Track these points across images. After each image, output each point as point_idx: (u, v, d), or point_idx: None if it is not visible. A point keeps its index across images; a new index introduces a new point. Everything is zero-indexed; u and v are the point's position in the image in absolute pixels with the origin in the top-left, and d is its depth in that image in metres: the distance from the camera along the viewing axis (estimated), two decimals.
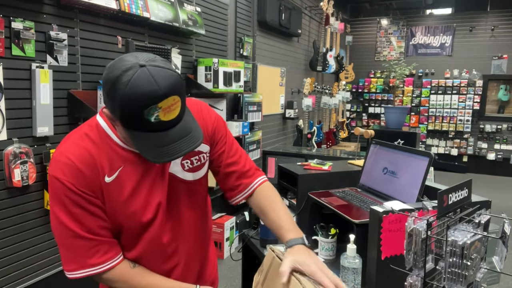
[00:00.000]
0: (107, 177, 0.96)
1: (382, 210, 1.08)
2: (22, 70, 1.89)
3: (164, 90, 0.84)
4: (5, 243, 1.87)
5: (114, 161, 0.97)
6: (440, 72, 7.29)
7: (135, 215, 1.00)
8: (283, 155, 4.03)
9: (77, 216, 0.93)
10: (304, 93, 5.36)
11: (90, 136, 0.96)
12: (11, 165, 1.84)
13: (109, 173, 0.96)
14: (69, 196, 0.92)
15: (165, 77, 0.85)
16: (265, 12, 4.18)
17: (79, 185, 0.92)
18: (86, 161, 0.93)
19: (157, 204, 1.02)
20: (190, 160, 1.08)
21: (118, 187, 0.97)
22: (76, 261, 0.95)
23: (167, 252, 1.08)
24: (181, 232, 1.10)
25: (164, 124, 0.87)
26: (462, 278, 0.79)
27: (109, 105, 0.88)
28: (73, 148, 0.94)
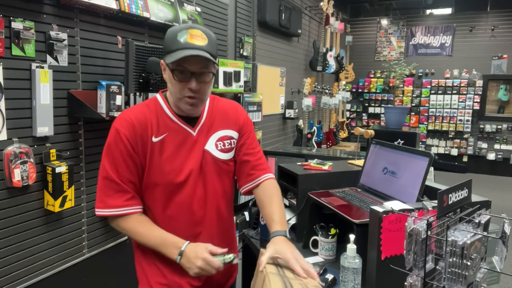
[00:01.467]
0: (154, 137, 1.21)
1: (382, 210, 1.08)
2: (22, 70, 1.89)
3: (195, 26, 1.17)
4: (5, 243, 1.87)
5: (162, 127, 1.23)
6: (440, 72, 7.29)
7: (170, 174, 1.22)
8: (283, 155, 4.03)
9: (116, 162, 1.19)
10: (304, 93, 5.36)
11: (149, 105, 1.25)
12: (11, 165, 1.83)
13: (156, 134, 1.22)
14: (118, 144, 1.18)
15: (201, 27, 1.19)
16: (265, 12, 4.18)
17: (131, 138, 1.18)
18: (141, 121, 1.20)
19: (190, 170, 1.24)
20: (223, 142, 1.31)
21: (161, 147, 1.22)
22: (103, 200, 1.20)
23: (194, 218, 1.26)
24: (209, 203, 1.28)
25: (190, 45, 1.13)
26: (462, 278, 0.79)
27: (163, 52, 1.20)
28: (135, 111, 1.24)
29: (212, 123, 1.31)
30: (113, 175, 1.18)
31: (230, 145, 1.33)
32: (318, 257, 1.50)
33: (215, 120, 1.32)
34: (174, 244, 1.17)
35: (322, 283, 1.26)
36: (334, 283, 1.28)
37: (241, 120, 1.37)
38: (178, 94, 1.18)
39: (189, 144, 1.25)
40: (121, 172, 1.19)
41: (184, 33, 1.14)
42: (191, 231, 1.26)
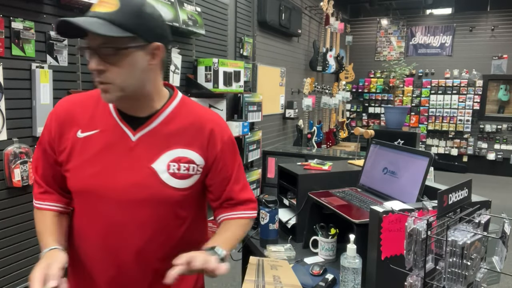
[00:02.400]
0: (80, 132, 0.99)
1: (382, 210, 1.08)
2: (22, 70, 1.89)
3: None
4: (5, 243, 1.87)
5: (95, 122, 0.99)
6: (440, 72, 7.29)
7: (92, 178, 0.97)
8: (283, 155, 4.03)
9: (38, 147, 1.06)
10: (304, 93, 5.35)
11: (93, 94, 1.03)
12: (11, 165, 1.83)
13: (84, 129, 0.99)
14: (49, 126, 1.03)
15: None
16: (265, 12, 4.18)
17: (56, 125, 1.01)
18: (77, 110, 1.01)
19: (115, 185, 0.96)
20: (178, 165, 1.00)
21: (84, 145, 0.98)
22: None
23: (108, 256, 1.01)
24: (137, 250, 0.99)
25: (90, 13, 0.90)
26: (462, 278, 0.79)
27: None
28: (78, 95, 1.06)
29: (171, 134, 0.99)
30: (33, 162, 1.08)
31: (187, 170, 1.00)
32: (318, 257, 1.50)
33: (177, 131, 1.00)
34: (44, 246, 0.97)
35: (322, 283, 1.26)
36: (334, 283, 1.28)
37: (216, 141, 1.04)
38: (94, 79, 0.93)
39: (122, 149, 0.97)
40: (36, 160, 1.06)
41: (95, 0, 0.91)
42: (105, 272, 1.02)
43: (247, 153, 3.85)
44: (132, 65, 0.90)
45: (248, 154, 3.89)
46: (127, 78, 0.91)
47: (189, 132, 1.01)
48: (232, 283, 3.05)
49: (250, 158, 3.93)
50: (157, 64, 0.95)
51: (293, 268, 1.38)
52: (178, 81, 2.89)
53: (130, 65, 0.90)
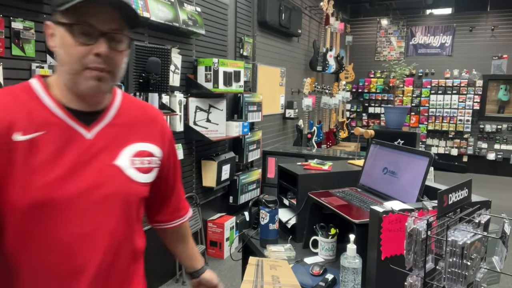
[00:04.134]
0: (20, 135, 0.80)
1: (382, 210, 1.08)
2: (22, 70, 1.89)
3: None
4: None
5: (34, 123, 0.82)
6: (440, 72, 7.29)
7: (44, 190, 0.81)
8: (283, 155, 4.03)
9: None
10: (304, 93, 5.36)
11: (15, 92, 0.85)
12: None
13: (24, 131, 0.81)
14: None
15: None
16: (265, 12, 4.18)
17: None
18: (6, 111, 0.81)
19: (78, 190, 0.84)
20: (141, 160, 0.94)
21: (29, 150, 0.81)
22: None
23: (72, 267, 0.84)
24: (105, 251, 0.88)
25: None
26: (462, 278, 0.79)
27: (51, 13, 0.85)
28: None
29: (127, 128, 0.94)
30: None
31: (149, 164, 0.96)
32: (318, 257, 1.50)
33: (134, 126, 0.95)
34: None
35: (322, 283, 1.26)
36: (334, 283, 1.28)
37: (167, 134, 1.03)
38: (76, 64, 0.81)
39: (78, 150, 0.85)
40: None
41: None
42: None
43: (247, 153, 3.85)
44: (125, 55, 0.88)
45: (248, 154, 3.89)
46: (122, 68, 0.88)
47: (143, 125, 0.97)
48: (232, 283, 3.05)
49: (250, 158, 3.93)
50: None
51: (293, 268, 1.38)
52: (178, 81, 2.89)
53: (125, 55, 0.88)
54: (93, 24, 0.80)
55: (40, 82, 0.87)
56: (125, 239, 0.92)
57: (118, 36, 0.83)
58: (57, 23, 0.81)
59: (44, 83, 0.87)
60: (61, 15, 0.80)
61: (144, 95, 2.46)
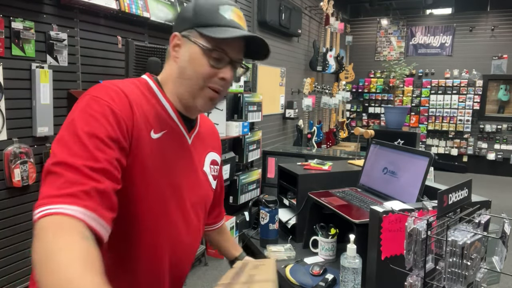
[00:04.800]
0: (154, 133, 0.83)
1: (382, 210, 1.08)
2: (22, 70, 1.89)
3: (235, 4, 0.89)
4: (5, 243, 1.87)
5: (160, 122, 0.85)
6: (440, 72, 7.29)
7: (167, 190, 0.85)
8: (283, 155, 4.03)
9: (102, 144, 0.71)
10: (304, 93, 5.36)
11: (139, 87, 0.86)
12: (11, 165, 1.83)
13: (156, 129, 0.84)
14: (107, 118, 0.73)
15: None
16: (265, 12, 4.18)
17: (126, 117, 0.76)
18: (138, 104, 0.80)
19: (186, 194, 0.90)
20: (214, 168, 1.03)
21: (160, 150, 0.84)
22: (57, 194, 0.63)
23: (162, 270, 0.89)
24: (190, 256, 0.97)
25: (237, 24, 0.86)
26: (462, 278, 0.79)
27: (180, 24, 0.88)
28: (128, 89, 0.81)
29: (205, 137, 1.01)
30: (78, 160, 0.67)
31: (216, 172, 1.05)
32: (318, 257, 1.50)
33: (206, 136, 1.03)
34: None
35: (322, 283, 1.26)
36: (334, 283, 1.27)
37: (221, 144, 1.13)
38: (201, 81, 0.85)
39: (184, 152, 0.92)
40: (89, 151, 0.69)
41: (227, 8, 0.86)
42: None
43: (247, 153, 3.85)
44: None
45: (248, 154, 3.89)
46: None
47: (211, 135, 1.05)
48: None
49: (250, 158, 3.93)
50: None
51: (293, 268, 1.38)
52: None
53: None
54: (228, 52, 0.86)
55: (154, 83, 0.89)
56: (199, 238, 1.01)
57: (238, 63, 0.91)
58: (190, 39, 0.85)
59: (158, 84, 0.90)
60: (200, 35, 0.84)
61: None
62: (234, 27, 0.85)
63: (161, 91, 0.89)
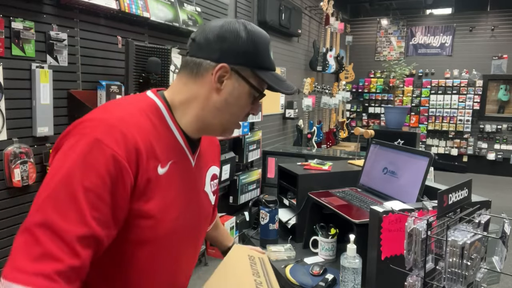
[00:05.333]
0: (161, 168, 0.78)
1: (382, 210, 1.08)
2: (22, 70, 1.89)
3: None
4: (5, 243, 1.87)
5: (167, 152, 0.80)
6: (440, 72, 7.29)
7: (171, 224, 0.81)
8: (283, 155, 4.03)
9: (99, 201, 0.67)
10: (304, 93, 5.35)
11: (149, 115, 0.80)
12: (11, 165, 1.83)
13: (163, 163, 0.79)
14: (109, 170, 0.68)
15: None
16: (265, 12, 4.18)
17: (131, 163, 0.71)
18: (146, 143, 0.75)
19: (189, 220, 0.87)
20: (214, 183, 1.00)
21: (167, 184, 0.80)
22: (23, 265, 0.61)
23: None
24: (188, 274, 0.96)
25: (274, 64, 0.87)
26: (462, 278, 0.79)
27: (231, 55, 0.81)
28: (134, 120, 0.75)
29: (205, 152, 0.97)
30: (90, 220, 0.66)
31: (215, 186, 1.02)
32: (318, 257, 1.50)
33: (206, 149, 0.98)
34: None
35: (322, 283, 1.26)
36: (334, 283, 1.27)
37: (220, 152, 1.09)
38: (237, 118, 0.86)
39: (189, 178, 0.88)
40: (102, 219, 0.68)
41: (271, 48, 0.87)
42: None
43: (247, 153, 3.85)
44: None
45: (248, 154, 3.88)
46: None
47: (210, 147, 1.01)
48: None
49: (250, 158, 3.93)
50: None
51: (293, 268, 1.38)
52: None
53: None
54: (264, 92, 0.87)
55: (164, 105, 0.83)
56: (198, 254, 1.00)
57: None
58: (242, 77, 0.82)
59: (167, 106, 0.84)
60: (253, 76, 0.83)
61: None
62: (282, 80, 0.86)
63: (171, 116, 0.84)
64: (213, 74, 0.81)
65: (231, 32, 0.81)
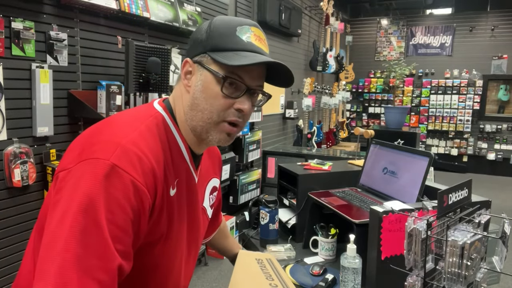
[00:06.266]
0: (171, 189, 0.76)
1: (382, 210, 1.08)
2: (22, 70, 1.89)
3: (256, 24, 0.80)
4: (5, 243, 1.87)
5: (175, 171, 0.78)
6: (440, 72, 7.29)
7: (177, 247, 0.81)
8: (283, 155, 4.03)
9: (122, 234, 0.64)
10: (304, 93, 5.35)
11: (159, 133, 0.76)
12: (11, 165, 1.83)
13: (173, 184, 0.76)
14: (130, 199, 0.65)
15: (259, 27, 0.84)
16: (265, 12, 4.18)
17: (149, 189, 0.69)
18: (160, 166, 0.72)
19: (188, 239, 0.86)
20: (212, 196, 0.98)
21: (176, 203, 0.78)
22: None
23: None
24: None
25: (255, 47, 0.76)
26: (462, 278, 0.79)
27: (192, 48, 0.78)
28: (146, 142, 0.72)
29: (207, 166, 0.94)
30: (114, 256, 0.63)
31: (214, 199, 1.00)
32: (318, 257, 1.50)
33: (207, 161, 0.95)
34: None
35: (322, 283, 1.26)
36: (334, 283, 1.27)
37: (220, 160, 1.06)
38: (215, 115, 0.77)
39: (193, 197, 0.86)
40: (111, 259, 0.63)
41: (246, 29, 0.77)
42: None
43: (247, 153, 3.85)
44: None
45: (248, 154, 3.89)
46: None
47: (210, 159, 0.97)
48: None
49: (250, 158, 3.93)
50: None
51: (293, 268, 1.38)
52: None
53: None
54: (245, 80, 0.76)
55: (170, 118, 0.80)
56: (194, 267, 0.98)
57: (259, 92, 0.81)
58: (202, 65, 0.76)
59: (173, 119, 0.81)
60: (213, 61, 0.75)
61: (144, 95, 2.46)
62: (252, 51, 0.76)
63: (177, 130, 0.81)
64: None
65: (199, 28, 0.79)
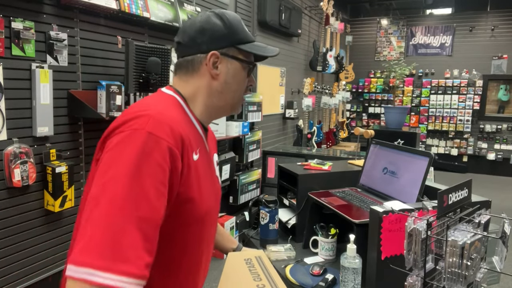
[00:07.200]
0: (195, 155, 0.85)
1: (382, 210, 1.08)
2: (22, 70, 1.89)
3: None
4: (5, 243, 1.87)
5: (195, 140, 0.88)
6: (440, 72, 7.29)
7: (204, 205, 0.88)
8: (283, 155, 4.03)
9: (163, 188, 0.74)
10: (304, 93, 5.35)
11: (177, 109, 0.89)
12: (11, 165, 1.83)
13: (196, 150, 0.86)
14: (166, 160, 0.75)
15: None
16: (265, 12, 4.18)
17: (181, 152, 0.79)
18: (185, 133, 0.81)
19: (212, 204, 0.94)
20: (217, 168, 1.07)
21: (199, 169, 0.86)
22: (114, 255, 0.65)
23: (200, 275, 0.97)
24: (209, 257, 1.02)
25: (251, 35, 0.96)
26: (462, 278, 0.79)
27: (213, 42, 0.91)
28: (171, 114, 0.82)
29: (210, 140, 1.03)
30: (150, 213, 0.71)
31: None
32: (318, 257, 1.50)
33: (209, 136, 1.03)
34: None
35: (322, 283, 1.26)
36: (334, 283, 1.27)
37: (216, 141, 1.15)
38: (240, 94, 0.96)
39: (210, 164, 0.97)
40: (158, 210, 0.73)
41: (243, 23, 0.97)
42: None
43: (247, 153, 3.85)
44: None
45: (248, 154, 3.88)
46: None
47: (210, 135, 1.06)
48: None
49: (250, 158, 3.93)
50: None
51: (293, 268, 1.38)
52: None
53: None
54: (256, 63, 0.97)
55: (181, 99, 0.92)
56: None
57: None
58: (230, 56, 0.92)
59: (184, 100, 0.92)
60: (239, 52, 0.93)
61: (144, 95, 2.46)
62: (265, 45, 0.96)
63: (189, 108, 0.92)
64: (207, 64, 0.91)
65: (207, 23, 0.92)
